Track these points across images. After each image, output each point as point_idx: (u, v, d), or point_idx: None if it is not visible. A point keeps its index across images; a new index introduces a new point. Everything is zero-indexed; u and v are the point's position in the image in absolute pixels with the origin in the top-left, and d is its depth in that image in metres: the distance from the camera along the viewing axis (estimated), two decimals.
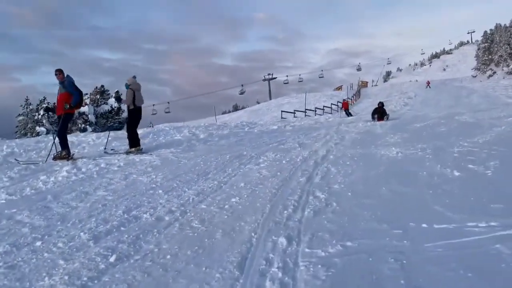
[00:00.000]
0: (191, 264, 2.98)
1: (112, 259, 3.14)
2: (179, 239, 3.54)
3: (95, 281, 2.80)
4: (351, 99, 42.71)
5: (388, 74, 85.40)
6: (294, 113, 32.56)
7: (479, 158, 5.63)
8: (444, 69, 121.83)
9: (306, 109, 34.24)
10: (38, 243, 3.59)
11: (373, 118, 17.49)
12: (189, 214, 4.26)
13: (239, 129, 13.99)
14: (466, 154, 5.99)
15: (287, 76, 72.42)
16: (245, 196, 4.83)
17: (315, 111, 34.51)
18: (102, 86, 37.46)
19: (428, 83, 53.78)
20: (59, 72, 8.00)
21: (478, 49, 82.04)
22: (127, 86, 8.95)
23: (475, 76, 70.78)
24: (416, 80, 78.40)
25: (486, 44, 78.82)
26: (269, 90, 73.16)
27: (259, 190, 5.07)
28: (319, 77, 72.65)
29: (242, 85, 66.85)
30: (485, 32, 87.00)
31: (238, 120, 36.58)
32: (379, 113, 17.66)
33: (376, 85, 74.37)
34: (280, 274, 2.72)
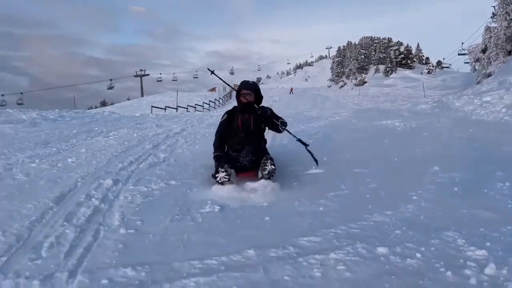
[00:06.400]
0: (3, 201, 2.88)
1: None
2: None
3: None
4: (222, 99, 44.07)
5: (259, 80, 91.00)
6: (165, 109, 32.12)
7: (308, 134, 6.62)
8: (306, 79, 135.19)
9: (177, 106, 34.09)
10: None
11: None
12: (14, 170, 4.01)
13: (97, 114, 13.28)
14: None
15: (160, 73, 70.80)
16: (83, 157, 4.74)
17: (187, 108, 34.63)
18: None
19: (292, 90, 58.96)
20: None
21: (333, 62, 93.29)
22: None
23: (330, 86, 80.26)
24: (282, 87, 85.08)
25: (339, 59, 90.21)
26: (141, 87, 70.42)
27: (100, 154, 5.02)
28: (194, 77, 72.96)
29: (111, 80, 62.81)
30: (339, 48, 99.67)
31: None
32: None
33: None
34: (97, 203, 2.85)
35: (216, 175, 3.28)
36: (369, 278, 1.71)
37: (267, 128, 4.06)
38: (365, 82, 71.31)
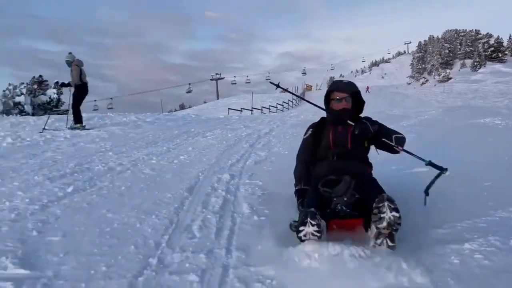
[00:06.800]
0: (144, 191, 3.37)
1: (69, 189, 3.42)
2: (132, 179, 3.89)
3: (55, 203, 3.08)
4: (296, 100, 44.21)
5: (332, 79, 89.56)
6: (241, 110, 33.19)
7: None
8: (383, 77, 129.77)
9: (252, 108, 34.99)
10: None
11: None
12: (140, 166, 4.59)
13: (186, 116, 14.26)
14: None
15: (234, 76, 72.90)
16: (193, 155, 5.25)
17: (261, 110, 35.39)
18: (40, 76, 35.51)
19: (368, 88, 57.17)
20: None
21: (413, 58, 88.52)
22: (69, 63, 8.76)
23: (410, 84, 76.26)
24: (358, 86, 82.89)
25: (420, 54, 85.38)
26: (217, 90, 73.22)
27: (205, 152, 5.50)
28: (266, 79, 74.11)
29: (189, 84, 66.28)
30: (420, 43, 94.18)
31: None
32: None
33: (319, 89, 77.47)
34: (223, 193, 3.21)
35: (301, 229, 2.01)
36: (509, 266, 1.77)
37: (372, 146, 2.77)
38: (450, 78, 66.54)
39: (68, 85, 8.82)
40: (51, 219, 2.69)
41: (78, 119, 8.73)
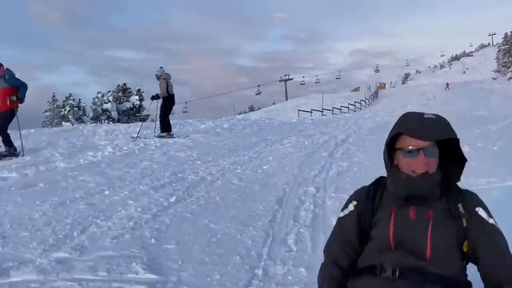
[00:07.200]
0: (238, 202, 3.67)
1: (172, 199, 3.84)
2: (224, 189, 4.23)
3: (163, 212, 3.50)
4: (369, 100, 42.94)
5: (407, 76, 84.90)
6: (311, 112, 33.09)
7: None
8: (464, 72, 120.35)
9: (323, 109, 34.70)
10: (106, 192, 4.31)
11: None
12: (228, 175, 4.95)
13: (260, 121, 14.68)
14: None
15: (303, 77, 72.67)
16: (275, 165, 5.51)
17: (332, 110, 34.92)
18: (124, 84, 38.76)
19: (447, 85, 53.51)
20: None
21: (499, 51, 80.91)
22: (158, 77, 9.62)
23: (495, 79, 69.83)
24: (435, 82, 77.91)
25: (507, 46, 77.75)
26: (286, 91, 73.55)
27: (286, 162, 5.73)
28: (336, 78, 72.90)
29: (258, 86, 67.54)
30: (506, 34, 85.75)
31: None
32: None
33: (394, 87, 74.24)
34: (311, 207, 3.39)
35: None
36: None
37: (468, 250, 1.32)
38: None
39: (157, 97, 9.63)
40: (163, 228, 3.08)
41: (165, 128, 9.49)
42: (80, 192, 4.36)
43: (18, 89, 7.24)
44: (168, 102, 9.57)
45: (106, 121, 34.55)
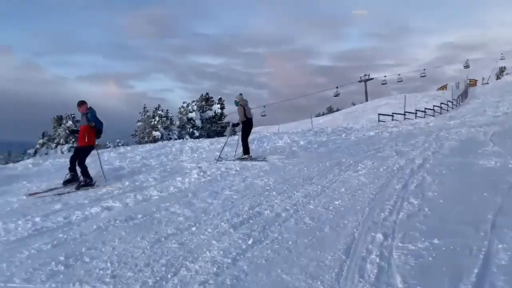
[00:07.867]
0: (308, 249, 4.00)
1: (249, 242, 4.31)
2: (296, 230, 4.59)
3: (241, 256, 3.97)
4: (456, 100, 39.92)
5: (502, 70, 76.39)
6: (392, 116, 31.83)
7: None
8: None
9: (405, 112, 33.13)
10: (193, 228, 4.94)
11: None
12: (300, 212, 5.29)
13: (336, 135, 14.73)
14: None
15: (385, 76, 69.52)
16: (346, 200, 5.71)
17: (416, 113, 33.15)
18: (207, 93, 40.97)
19: None
20: (81, 104, 8.10)
21: None
22: (237, 103, 10.38)
23: None
24: None
25: None
26: (365, 92, 71.32)
27: (358, 195, 5.90)
28: (421, 76, 68.62)
29: (337, 87, 66.33)
30: None
31: (333, 123, 36.96)
32: None
33: (487, 83, 67.61)
34: (377, 260, 3.59)
35: None
36: None
37: None
38: None
39: (237, 124, 10.46)
40: (242, 276, 3.54)
41: (246, 150, 10.17)
42: (171, 226, 5.05)
43: (95, 127, 8.15)
44: (246, 125, 10.23)
45: (191, 129, 36.95)
